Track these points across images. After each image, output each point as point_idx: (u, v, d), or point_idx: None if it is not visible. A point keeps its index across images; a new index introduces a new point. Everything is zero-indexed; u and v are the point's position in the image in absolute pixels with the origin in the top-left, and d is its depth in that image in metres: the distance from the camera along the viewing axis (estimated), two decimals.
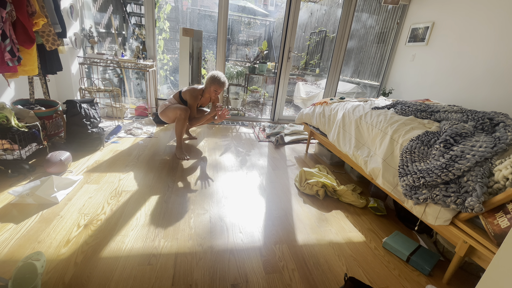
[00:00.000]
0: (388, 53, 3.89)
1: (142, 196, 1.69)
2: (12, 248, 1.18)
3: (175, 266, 1.19)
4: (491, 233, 1.05)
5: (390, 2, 3.40)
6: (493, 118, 1.57)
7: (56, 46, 2.11)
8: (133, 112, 3.45)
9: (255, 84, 4.95)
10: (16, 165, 1.73)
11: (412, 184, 1.36)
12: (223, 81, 2.28)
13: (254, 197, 1.85)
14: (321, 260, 1.34)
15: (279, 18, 5.60)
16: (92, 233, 1.33)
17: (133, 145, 2.50)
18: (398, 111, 1.93)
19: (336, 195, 1.95)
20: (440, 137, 1.47)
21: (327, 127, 2.39)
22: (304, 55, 6.00)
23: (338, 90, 4.18)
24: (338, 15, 4.03)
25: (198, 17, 5.07)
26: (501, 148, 1.26)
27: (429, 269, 1.31)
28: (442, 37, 3.05)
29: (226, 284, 1.14)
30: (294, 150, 2.89)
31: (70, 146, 2.15)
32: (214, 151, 2.57)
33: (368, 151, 1.82)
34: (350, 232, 1.59)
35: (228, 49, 4.68)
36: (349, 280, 1.09)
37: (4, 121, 1.70)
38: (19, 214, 1.40)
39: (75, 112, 2.16)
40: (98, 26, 3.54)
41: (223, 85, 2.28)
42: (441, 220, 1.23)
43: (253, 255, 1.32)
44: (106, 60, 2.91)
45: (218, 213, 1.62)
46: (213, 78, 2.25)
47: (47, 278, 1.06)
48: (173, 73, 4.45)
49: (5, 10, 1.54)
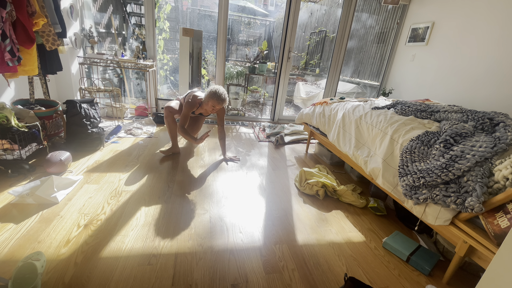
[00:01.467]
0: (388, 53, 3.89)
1: (142, 196, 1.69)
2: (12, 248, 1.18)
3: (175, 266, 1.19)
4: (491, 233, 1.05)
5: (390, 2, 3.40)
6: (493, 118, 1.57)
7: (56, 46, 2.11)
8: (133, 112, 3.45)
9: (255, 84, 4.95)
10: (16, 165, 1.73)
11: (412, 184, 1.36)
12: (223, 98, 2.15)
13: (254, 197, 1.85)
14: (321, 260, 1.34)
15: (279, 18, 5.60)
16: (92, 233, 1.33)
17: (133, 145, 2.50)
18: (398, 111, 1.93)
19: (336, 195, 1.95)
20: (440, 137, 1.47)
21: (327, 127, 2.39)
22: (304, 55, 6.00)
23: (338, 90, 4.18)
24: (338, 15, 4.03)
25: (198, 17, 5.07)
26: (501, 148, 1.26)
27: (429, 269, 1.31)
28: (442, 37, 3.05)
29: (226, 284, 1.14)
30: (294, 150, 2.89)
31: (70, 146, 2.15)
32: (214, 151, 2.57)
33: (368, 151, 1.82)
34: (350, 232, 1.59)
35: (228, 49, 4.68)
36: (349, 280, 1.09)
37: (4, 121, 1.70)
38: (19, 214, 1.40)
39: (75, 112, 2.16)
40: (98, 26, 3.54)
41: (222, 102, 2.15)
42: (441, 220, 1.23)
43: (253, 255, 1.32)
44: (106, 60, 2.91)
45: (218, 213, 1.62)
46: (213, 93, 2.13)
47: (47, 278, 1.06)
48: (173, 73, 4.45)
49: (5, 10, 1.54)
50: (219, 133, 2.41)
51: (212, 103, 2.14)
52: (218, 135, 2.43)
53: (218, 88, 2.16)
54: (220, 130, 2.40)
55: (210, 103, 2.15)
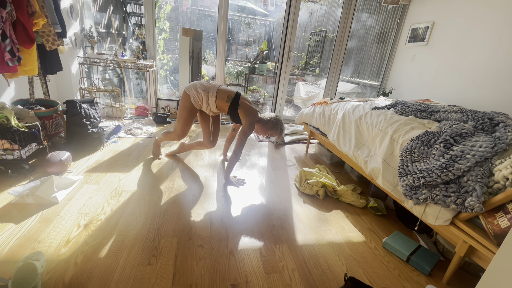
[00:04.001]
0: (388, 53, 3.89)
1: (142, 196, 1.69)
2: (12, 248, 1.18)
3: (175, 266, 1.19)
4: (491, 233, 1.05)
5: (390, 2, 3.40)
6: (493, 118, 1.57)
7: (56, 46, 2.11)
8: (133, 112, 3.45)
9: (255, 84, 4.96)
10: (16, 165, 1.73)
11: (412, 184, 1.36)
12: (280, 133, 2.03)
13: (254, 197, 1.85)
14: (321, 260, 1.34)
15: (279, 18, 5.59)
16: (92, 233, 1.33)
17: (133, 145, 2.50)
18: (398, 111, 1.93)
19: (336, 195, 1.95)
20: (440, 137, 1.47)
21: (327, 127, 2.39)
22: (304, 55, 6.00)
23: (338, 90, 4.18)
24: (338, 15, 4.03)
25: (198, 17, 5.06)
26: (501, 148, 1.26)
27: (429, 269, 1.31)
28: (442, 37, 3.05)
29: (226, 284, 1.14)
30: (294, 150, 2.89)
31: (70, 146, 2.15)
32: (214, 151, 2.57)
33: (368, 151, 1.82)
34: (350, 232, 1.59)
35: (228, 49, 4.68)
36: (349, 280, 1.09)
37: (4, 121, 1.70)
38: (19, 214, 1.40)
39: (75, 112, 2.16)
40: (98, 26, 3.54)
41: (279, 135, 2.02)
42: (441, 220, 1.23)
43: (253, 255, 1.32)
44: (106, 60, 2.91)
45: (218, 213, 1.62)
46: (279, 125, 1.98)
47: (47, 278, 1.06)
48: (173, 73, 4.45)
49: (5, 10, 1.54)
50: (233, 140, 2.36)
51: (272, 133, 2.00)
52: (228, 141, 2.38)
53: (281, 119, 2.02)
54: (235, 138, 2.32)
55: (270, 132, 1.99)
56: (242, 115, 1.90)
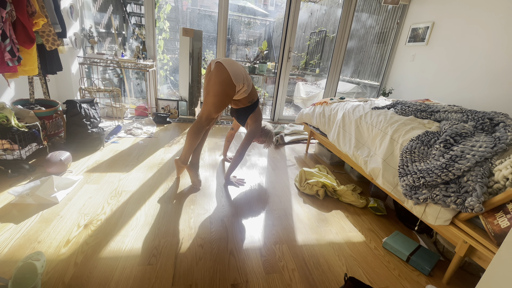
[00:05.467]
0: (388, 53, 3.89)
1: (142, 196, 1.69)
2: (12, 248, 1.18)
3: (175, 266, 1.19)
4: (491, 233, 1.05)
5: (390, 2, 3.40)
6: (493, 118, 1.57)
7: (56, 46, 2.11)
8: (133, 112, 3.45)
9: (255, 84, 4.95)
10: (16, 165, 1.73)
11: (412, 184, 1.36)
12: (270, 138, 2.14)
13: (254, 197, 1.85)
14: (321, 260, 1.34)
15: (279, 18, 5.59)
16: (92, 233, 1.33)
17: (133, 145, 2.50)
18: (398, 111, 1.93)
19: (336, 195, 1.95)
20: (440, 137, 1.47)
21: (327, 127, 2.39)
22: (304, 55, 6.00)
23: (338, 90, 4.18)
24: (338, 15, 4.03)
25: (198, 17, 5.06)
26: (501, 148, 1.26)
27: (429, 269, 1.31)
28: (442, 37, 3.05)
29: (226, 284, 1.14)
30: (294, 150, 2.89)
31: (70, 146, 2.15)
32: (214, 151, 2.57)
33: (368, 151, 1.82)
34: (350, 232, 1.59)
35: (228, 49, 4.68)
36: (349, 280, 1.09)
37: (4, 121, 1.70)
38: (19, 214, 1.40)
39: (75, 112, 2.16)
40: (98, 26, 3.54)
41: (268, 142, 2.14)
42: (441, 220, 1.23)
43: (253, 255, 1.32)
44: (106, 60, 2.91)
45: (218, 213, 1.62)
46: (270, 135, 2.11)
47: (47, 278, 1.06)
48: (173, 73, 4.45)
49: (5, 10, 1.54)
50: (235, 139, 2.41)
51: (263, 140, 2.12)
52: (228, 140, 2.37)
53: (270, 128, 2.15)
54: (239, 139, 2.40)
55: (262, 139, 2.12)
56: (253, 119, 1.95)
